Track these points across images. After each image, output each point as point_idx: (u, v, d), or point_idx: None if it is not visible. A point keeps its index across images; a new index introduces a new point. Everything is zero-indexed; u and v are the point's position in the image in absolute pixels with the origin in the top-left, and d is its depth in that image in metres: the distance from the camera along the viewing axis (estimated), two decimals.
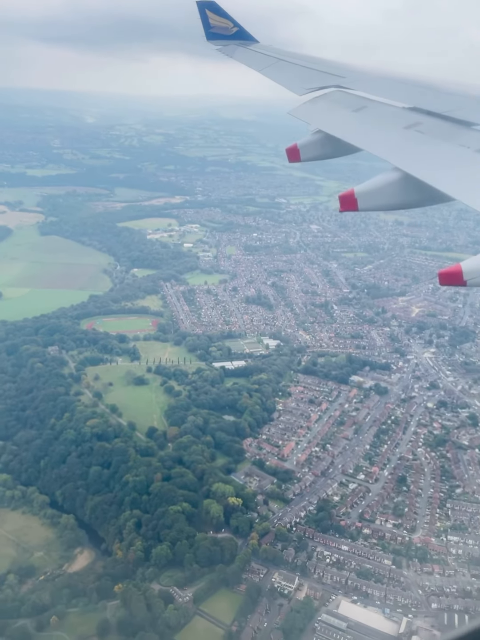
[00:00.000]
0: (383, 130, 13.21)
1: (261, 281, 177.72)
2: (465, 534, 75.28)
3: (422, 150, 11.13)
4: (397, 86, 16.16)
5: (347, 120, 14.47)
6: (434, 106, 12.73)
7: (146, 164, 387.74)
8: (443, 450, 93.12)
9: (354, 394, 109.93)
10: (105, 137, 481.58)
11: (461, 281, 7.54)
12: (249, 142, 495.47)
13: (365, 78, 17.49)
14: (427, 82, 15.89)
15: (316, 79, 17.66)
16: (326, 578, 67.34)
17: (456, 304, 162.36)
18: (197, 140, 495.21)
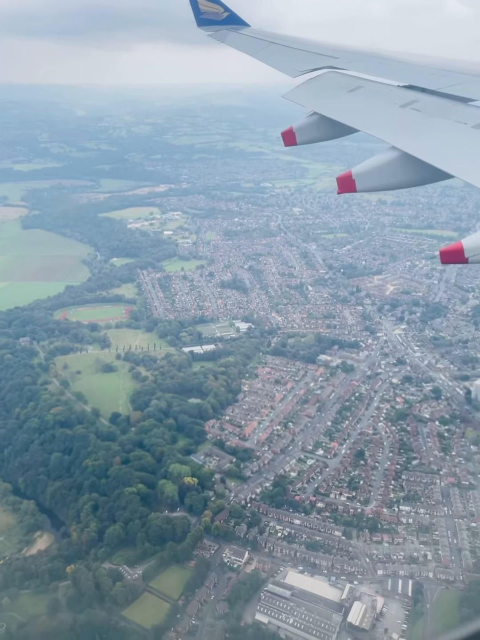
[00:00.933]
0: (379, 110, 13.09)
1: (238, 265, 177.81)
2: (417, 503, 76.56)
3: (419, 128, 11.00)
4: (391, 65, 16.09)
5: (342, 101, 14.33)
6: (429, 83, 12.64)
7: (133, 154, 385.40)
8: (404, 424, 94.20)
9: (321, 372, 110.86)
10: (94, 130, 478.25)
11: (463, 258, 7.64)
12: (238, 129, 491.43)
13: (358, 58, 17.36)
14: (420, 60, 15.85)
15: (309, 60, 17.62)
16: (276, 551, 68.84)
17: (431, 281, 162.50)
18: (186, 128, 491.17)
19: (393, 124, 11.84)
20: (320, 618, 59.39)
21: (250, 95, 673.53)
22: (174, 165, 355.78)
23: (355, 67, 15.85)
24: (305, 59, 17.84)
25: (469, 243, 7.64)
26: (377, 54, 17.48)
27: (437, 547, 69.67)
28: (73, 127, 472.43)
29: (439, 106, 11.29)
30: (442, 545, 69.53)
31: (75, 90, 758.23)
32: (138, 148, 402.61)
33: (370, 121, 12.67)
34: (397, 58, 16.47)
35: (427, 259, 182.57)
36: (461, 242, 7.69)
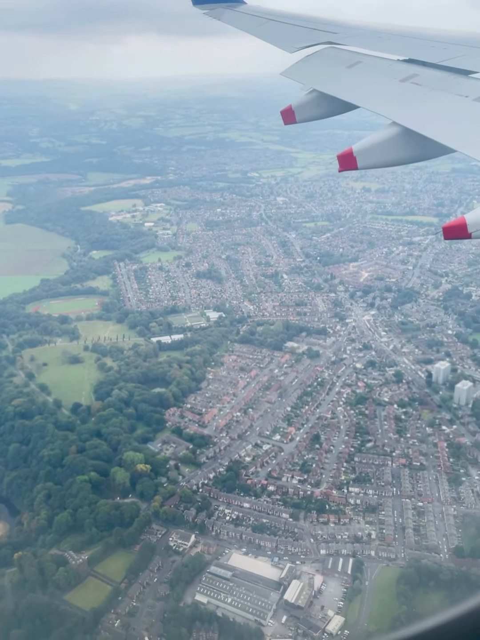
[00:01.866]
0: (379, 85, 12.89)
1: (216, 255, 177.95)
2: (367, 484, 77.63)
3: (420, 102, 10.82)
4: (391, 39, 15.84)
5: (341, 77, 14.13)
6: (430, 56, 12.45)
7: (122, 147, 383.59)
8: (362, 408, 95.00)
9: (286, 359, 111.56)
10: (85, 123, 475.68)
11: (466, 234, 7.47)
12: (230, 119, 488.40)
13: (357, 33, 17.13)
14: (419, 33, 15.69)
15: (307, 36, 17.40)
16: (223, 534, 69.96)
17: (406, 267, 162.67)
18: (178, 120, 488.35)
19: (393, 99, 11.65)
20: (258, 597, 60.63)
21: (245, 86, 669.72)
22: (162, 157, 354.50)
23: (354, 42, 15.67)
24: (303, 35, 17.67)
25: (472, 218, 7.42)
26: (376, 29, 17.30)
27: (382, 526, 70.74)
28: (64, 121, 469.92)
29: (439, 80, 11.08)
30: (387, 525, 70.59)
31: (69, 85, 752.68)
32: (128, 141, 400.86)
33: (370, 97, 12.50)
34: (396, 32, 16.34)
35: (405, 245, 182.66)
36: (464, 217, 7.50)
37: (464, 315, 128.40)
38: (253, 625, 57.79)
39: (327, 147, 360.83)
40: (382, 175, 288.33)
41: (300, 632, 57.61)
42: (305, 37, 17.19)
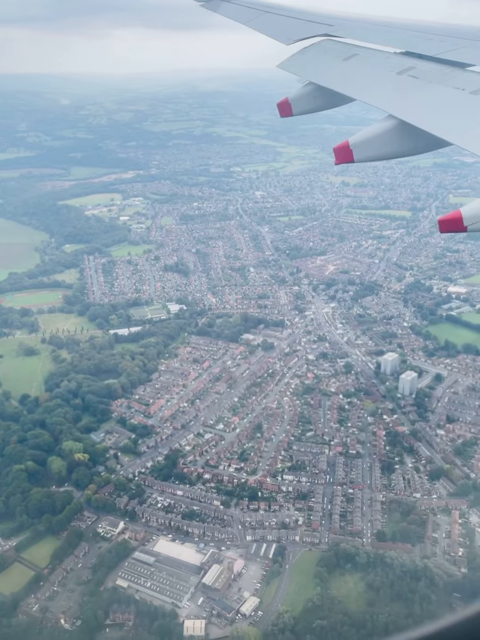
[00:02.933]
0: (375, 78, 12.84)
1: (186, 249, 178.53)
2: (302, 472, 78.93)
3: (416, 95, 10.84)
4: (388, 31, 15.81)
5: (337, 70, 14.07)
6: (426, 49, 12.44)
7: (108, 142, 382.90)
8: (308, 398, 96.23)
9: (240, 351, 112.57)
10: (74, 118, 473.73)
11: (461, 227, 7.44)
12: (220, 114, 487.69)
13: (354, 25, 17.07)
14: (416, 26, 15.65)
15: (304, 28, 17.30)
16: (152, 521, 71.18)
17: (373, 260, 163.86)
18: (168, 114, 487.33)
19: (390, 92, 11.62)
20: (177, 581, 61.93)
21: (238, 80, 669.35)
22: (147, 151, 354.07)
23: (351, 34, 15.63)
24: (300, 27, 17.60)
25: (468, 211, 7.38)
26: (373, 21, 17.23)
27: (310, 512, 72.05)
28: (53, 116, 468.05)
29: (436, 72, 11.05)
30: (315, 511, 71.89)
31: (62, 80, 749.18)
32: (115, 135, 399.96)
33: (367, 89, 12.49)
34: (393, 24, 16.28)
35: (375, 238, 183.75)
36: (460, 211, 7.42)
37: (422, 307, 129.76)
38: (169, 607, 59.10)
39: (313, 141, 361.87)
40: (362, 169, 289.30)
41: (214, 612, 58.94)
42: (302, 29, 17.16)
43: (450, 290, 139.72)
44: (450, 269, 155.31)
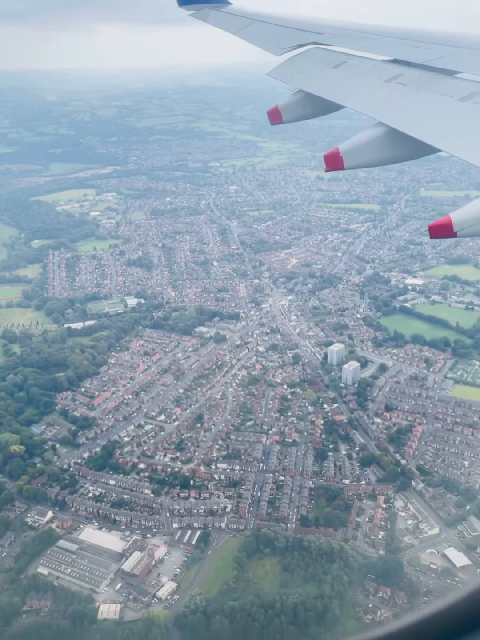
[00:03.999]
0: (364, 85, 12.93)
1: (153, 244, 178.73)
2: (236, 461, 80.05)
3: (405, 102, 10.90)
4: (376, 39, 15.93)
5: (327, 78, 14.18)
6: (414, 57, 12.55)
7: (90, 138, 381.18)
8: (253, 389, 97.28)
9: (192, 343, 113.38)
10: (57, 114, 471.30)
11: (451, 232, 7.46)
12: (205, 109, 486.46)
13: (342, 33, 17.19)
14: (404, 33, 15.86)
15: (293, 37, 17.43)
16: (82, 510, 72.05)
17: (336, 253, 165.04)
18: (152, 110, 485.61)
19: (379, 99, 11.74)
20: (97, 567, 62.92)
21: (226, 75, 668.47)
22: (127, 147, 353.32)
23: (339, 42, 15.73)
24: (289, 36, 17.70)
25: (458, 217, 7.45)
26: (361, 29, 17.37)
27: (239, 500, 73.16)
28: (37, 112, 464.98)
29: (424, 79, 11.19)
30: (244, 498, 73.01)
31: (50, 76, 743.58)
32: (97, 131, 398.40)
33: (356, 97, 12.60)
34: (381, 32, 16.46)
35: (341, 232, 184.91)
36: (449, 217, 7.48)
37: (377, 299, 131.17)
38: (87, 592, 60.09)
39: (294, 136, 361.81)
40: None
41: (131, 597, 60.05)
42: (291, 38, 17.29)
43: (407, 282, 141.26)
44: (411, 261, 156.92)
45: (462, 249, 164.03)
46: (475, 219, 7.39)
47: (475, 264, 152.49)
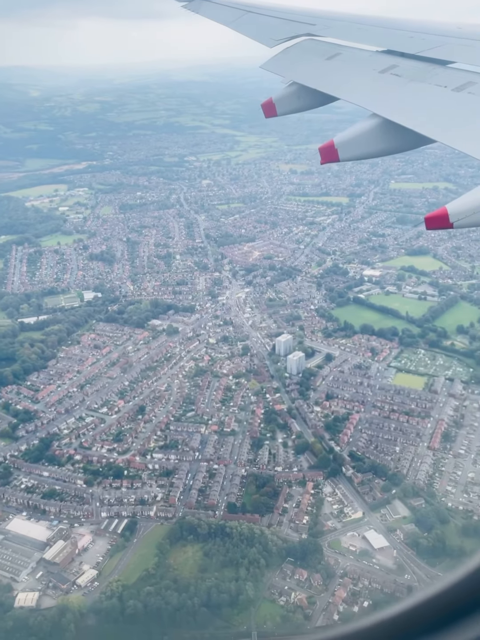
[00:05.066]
0: (358, 77, 12.84)
1: (118, 238, 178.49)
2: (172, 451, 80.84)
3: (400, 93, 10.85)
4: (369, 30, 15.83)
5: (320, 69, 14.06)
6: (408, 47, 12.50)
7: (68, 133, 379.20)
8: (198, 380, 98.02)
9: (144, 336, 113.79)
10: (38, 110, 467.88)
11: (448, 223, 7.46)
12: (187, 104, 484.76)
13: (336, 24, 16.94)
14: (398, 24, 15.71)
15: (286, 28, 17.22)
16: (12, 501, 72.53)
17: (299, 246, 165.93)
18: (134, 105, 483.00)
19: (373, 91, 11.67)
20: (20, 557, 63.56)
21: (212, 70, 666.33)
22: (105, 142, 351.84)
23: (333, 33, 15.57)
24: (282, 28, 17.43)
25: (454, 208, 7.42)
26: (355, 20, 17.17)
27: (171, 488, 73.94)
28: (18, 108, 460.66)
29: (418, 70, 11.16)
30: (175, 487, 73.84)
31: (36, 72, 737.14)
32: (76, 127, 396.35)
33: (350, 88, 12.52)
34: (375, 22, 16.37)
35: (306, 225, 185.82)
36: (446, 208, 7.46)
37: (333, 291, 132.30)
38: (6, 581, 60.74)
39: (273, 130, 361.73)
40: (314, 157, 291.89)
41: (50, 585, 60.74)
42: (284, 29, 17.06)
43: (365, 274, 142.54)
44: (372, 253, 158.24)
45: (423, 240, 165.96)
46: (471, 209, 7.35)
47: (434, 254, 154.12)
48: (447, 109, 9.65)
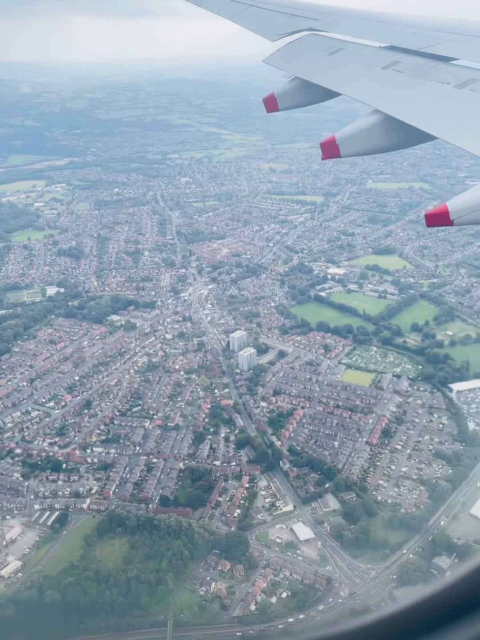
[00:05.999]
0: (360, 72, 12.89)
1: (89, 234, 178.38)
2: (114, 445, 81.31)
3: (402, 89, 10.84)
4: (372, 26, 15.78)
5: (323, 65, 14.05)
6: (411, 43, 12.50)
7: (54, 129, 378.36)
8: (149, 375, 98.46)
9: (101, 331, 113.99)
10: (27, 106, 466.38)
11: (448, 221, 7.44)
12: (177, 102, 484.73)
13: (339, 19, 17.01)
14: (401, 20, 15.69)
15: (289, 23, 17.19)
16: None
17: (268, 244, 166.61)
18: (124, 102, 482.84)
19: (375, 86, 11.68)
20: None
21: (205, 68, 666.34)
22: (90, 139, 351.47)
23: (336, 28, 15.60)
24: (285, 22, 17.43)
25: (454, 205, 7.40)
26: (358, 15, 17.20)
27: (107, 482, 74.37)
28: (6, 104, 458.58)
29: (421, 67, 11.14)
30: (112, 480, 74.26)
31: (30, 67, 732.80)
32: (63, 123, 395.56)
33: (352, 84, 12.53)
34: (378, 18, 16.33)
35: (279, 223, 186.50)
36: (446, 205, 7.44)
37: (295, 288, 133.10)
38: None
39: (259, 129, 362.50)
40: (296, 156, 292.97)
41: None
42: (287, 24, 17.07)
43: (329, 272, 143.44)
44: (339, 251, 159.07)
45: (392, 239, 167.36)
46: (472, 207, 7.32)
47: (400, 253, 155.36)
48: (449, 106, 9.65)
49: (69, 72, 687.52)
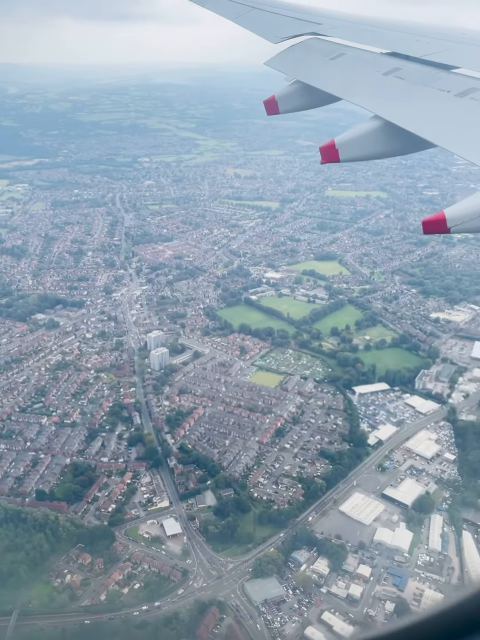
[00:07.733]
0: (362, 78, 12.88)
1: (37, 233, 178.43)
2: (4, 440, 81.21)
3: (402, 96, 10.93)
4: (375, 32, 15.88)
5: (324, 69, 14.10)
6: (413, 51, 12.51)
7: (30, 130, 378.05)
8: (59, 373, 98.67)
9: (22, 329, 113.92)
10: (9, 106, 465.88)
11: (445, 228, 7.42)
12: (160, 106, 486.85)
13: (342, 24, 17.11)
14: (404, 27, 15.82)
15: (292, 26, 17.25)
16: None
17: (213, 247, 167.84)
18: (106, 105, 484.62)
19: (376, 92, 11.74)
20: None
21: (195, 74, 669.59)
22: (64, 140, 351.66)
23: (339, 33, 15.67)
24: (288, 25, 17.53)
25: (452, 212, 7.41)
26: (361, 21, 17.31)
27: None
28: None
29: (422, 74, 11.20)
30: None
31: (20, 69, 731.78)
32: (41, 124, 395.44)
33: (353, 89, 12.60)
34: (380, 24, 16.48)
35: (229, 227, 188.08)
36: (444, 212, 7.45)
37: (227, 291, 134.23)
38: None
39: (236, 135, 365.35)
40: (264, 162, 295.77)
41: None
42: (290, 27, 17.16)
43: (266, 276, 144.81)
44: (282, 256, 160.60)
45: (336, 246, 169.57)
46: (470, 215, 7.36)
47: (340, 260, 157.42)
48: (449, 114, 9.73)
49: (59, 74, 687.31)
